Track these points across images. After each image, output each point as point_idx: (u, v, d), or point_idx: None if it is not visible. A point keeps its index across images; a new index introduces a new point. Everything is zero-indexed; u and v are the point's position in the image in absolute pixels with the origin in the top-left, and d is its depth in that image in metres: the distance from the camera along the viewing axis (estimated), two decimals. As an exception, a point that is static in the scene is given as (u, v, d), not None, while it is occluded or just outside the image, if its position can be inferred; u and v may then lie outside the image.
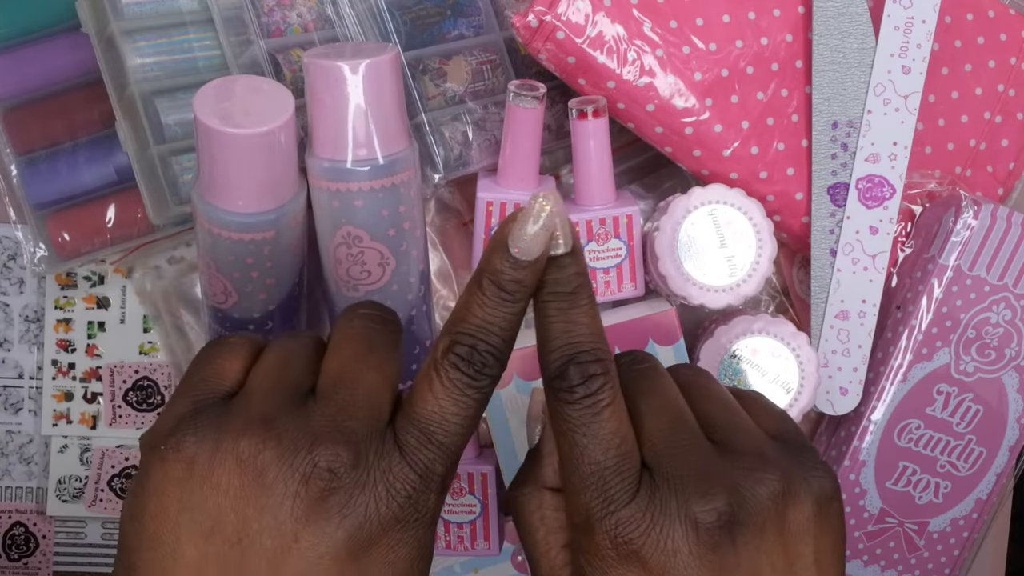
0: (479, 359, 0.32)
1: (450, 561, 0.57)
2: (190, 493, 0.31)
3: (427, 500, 0.32)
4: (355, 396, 0.33)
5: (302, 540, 0.31)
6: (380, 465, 0.32)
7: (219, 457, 0.31)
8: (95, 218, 0.55)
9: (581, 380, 0.32)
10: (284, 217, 0.46)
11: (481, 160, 0.54)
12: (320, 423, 0.32)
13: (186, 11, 0.53)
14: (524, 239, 0.32)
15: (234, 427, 0.32)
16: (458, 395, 0.32)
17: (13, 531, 0.61)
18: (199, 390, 0.34)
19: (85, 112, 0.55)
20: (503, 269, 0.32)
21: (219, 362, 0.34)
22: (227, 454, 0.31)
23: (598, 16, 0.51)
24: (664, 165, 0.60)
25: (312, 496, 0.31)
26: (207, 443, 0.32)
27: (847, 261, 0.55)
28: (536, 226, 0.31)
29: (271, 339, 0.36)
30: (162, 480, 0.32)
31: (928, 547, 0.58)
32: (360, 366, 0.33)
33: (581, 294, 0.33)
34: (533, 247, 0.32)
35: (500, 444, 0.54)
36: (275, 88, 0.45)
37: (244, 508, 0.31)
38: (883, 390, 0.56)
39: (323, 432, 0.32)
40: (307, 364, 0.34)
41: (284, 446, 0.31)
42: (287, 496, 0.31)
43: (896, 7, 0.54)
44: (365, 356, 0.34)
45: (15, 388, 0.61)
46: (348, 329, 0.34)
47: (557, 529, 0.35)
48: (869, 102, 0.54)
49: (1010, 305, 0.56)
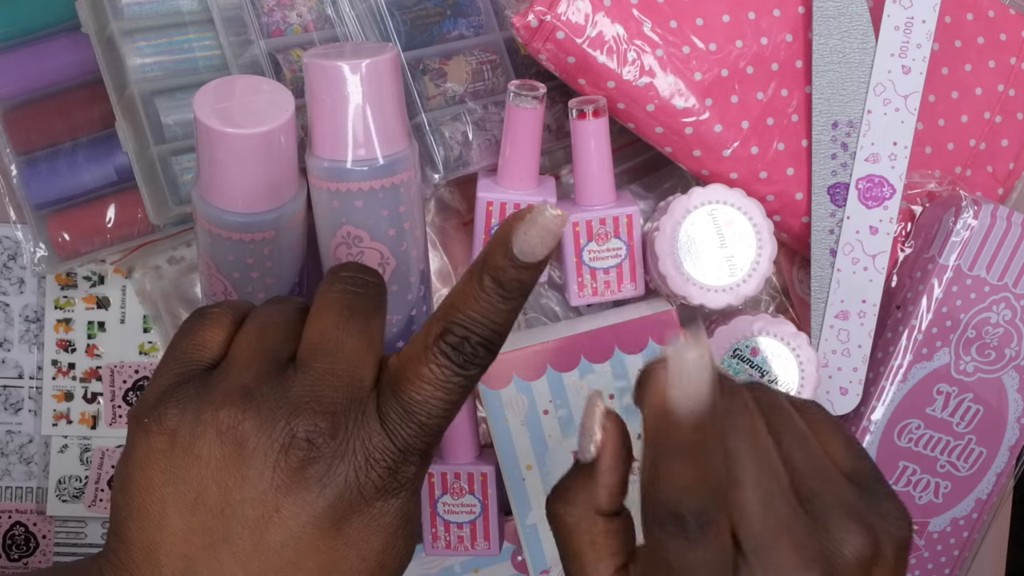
0: (470, 350, 0.32)
1: (450, 561, 0.57)
2: (174, 465, 0.32)
3: (407, 470, 0.32)
4: (335, 364, 0.33)
5: (283, 509, 0.31)
6: (359, 435, 0.32)
7: (200, 429, 0.32)
8: (95, 218, 0.55)
9: (687, 528, 0.29)
10: (284, 217, 0.46)
11: (481, 160, 0.54)
12: (299, 393, 0.32)
13: (186, 11, 0.53)
14: (528, 240, 0.31)
15: (214, 399, 0.32)
16: (444, 381, 0.32)
17: (13, 531, 0.61)
18: (181, 362, 0.34)
19: (85, 112, 0.55)
20: (505, 266, 0.32)
21: (201, 333, 0.34)
22: (207, 426, 0.32)
23: (598, 16, 0.51)
24: (664, 165, 0.60)
25: (292, 466, 0.31)
26: (188, 415, 0.32)
27: (847, 261, 0.55)
28: (541, 228, 0.31)
29: (256, 305, 0.36)
30: (147, 453, 0.32)
31: (928, 547, 0.58)
32: (339, 333, 0.33)
33: (699, 448, 0.29)
34: (537, 249, 0.31)
35: (500, 444, 0.54)
36: (275, 88, 0.45)
37: (225, 479, 0.31)
38: (883, 390, 0.56)
39: (302, 402, 0.32)
40: (289, 331, 0.34)
41: (263, 416, 0.31)
42: (267, 466, 0.31)
43: (896, 7, 0.54)
44: (345, 322, 0.33)
45: (15, 388, 0.61)
46: (328, 294, 0.34)
47: (609, 555, 0.32)
48: (869, 102, 0.54)
49: (1010, 305, 0.56)
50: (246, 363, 0.33)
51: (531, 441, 0.54)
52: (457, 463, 0.55)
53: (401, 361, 0.33)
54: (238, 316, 0.35)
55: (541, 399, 0.53)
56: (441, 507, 0.55)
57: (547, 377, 0.53)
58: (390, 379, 0.33)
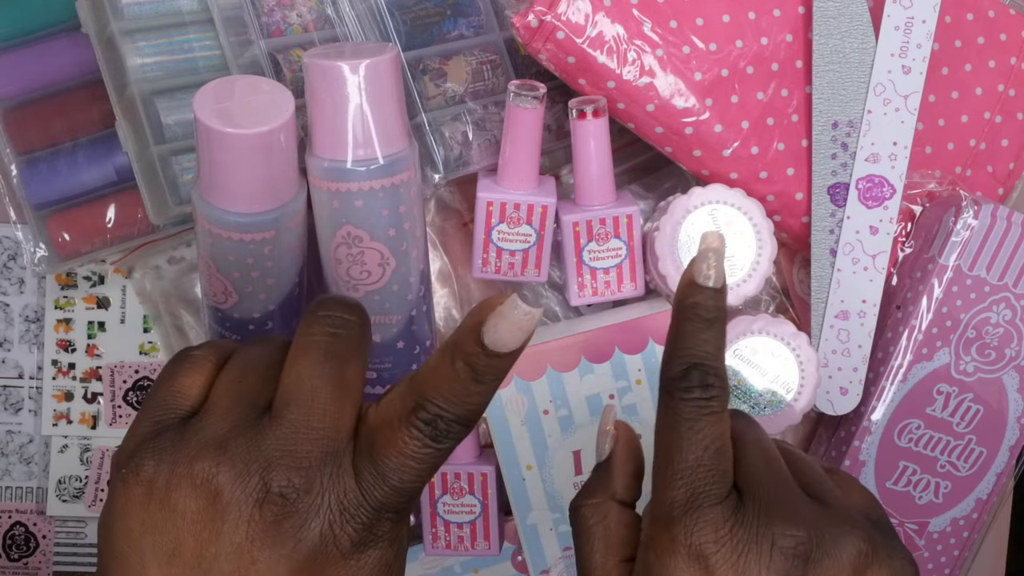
0: (444, 427, 0.32)
1: (450, 561, 0.57)
2: (150, 516, 0.32)
3: (382, 527, 0.32)
4: (310, 416, 0.32)
5: (259, 563, 0.31)
6: (334, 489, 0.32)
7: (175, 481, 0.31)
8: (95, 218, 0.55)
9: (700, 384, 0.33)
10: (284, 217, 0.46)
11: (481, 160, 0.54)
12: (272, 446, 0.32)
13: (186, 11, 0.53)
14: (499, 333, 0.31)
15: (189, 450, 0.32)
16: (416, 452, 0.32)
17: (13, 531, 0.61)
18: (161, 409, 0.34)
19: (85, 112, 0.55)
20: (476, 353, 0.31)
21: (180, 380, 0.34)
22: (182, 478, 0.31)
23: (598, 16, 0.51)
24: (664, 165, 0.60)
25: (267, 520, 0.31)
26: (164, 467, 0.32)
27: (847, 261, 0.55)
28: (510, 324, 0.31)
29: (240, 346, 0.36)
30: (125, 503, 0.32)
31: (928, 547, 0.58)
32: (315, 381, 0.33)
33: (717, 323, 0.34)
34: (508, 342, 0.31)
35: (500, 444, 0.54)
36: (275, 88, 0.45)
37: (201, 532, 0.31)
38: (883, 390, 0.56)
39: (275, 456, 0.31)
40: (268, 376, 0.34)
41: (237, 470, 0.31)
42: (242, 520, 0.31)
43: (896, 7, 0.54)
44: (320, 368, 0.33)
45: (15, 388, 0.61)
46: (305, 336, 0.34)
47: (619, 544, 0.35)
48: (869, 102, 0.54)
49: (1010, 305, 0.56)
50: (223, 412, 0.33)
51: (531, 441, 0.54)
52: (457, 463, 0.55)
53: (376, 423, 0.33)
54: (221, 358, 0.35)
55: (541, 399, 0.53)
56: (441, 507, 0.55)
57: (547, 377, 0.53)
58: (366, 437, 0.33)
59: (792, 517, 0.32)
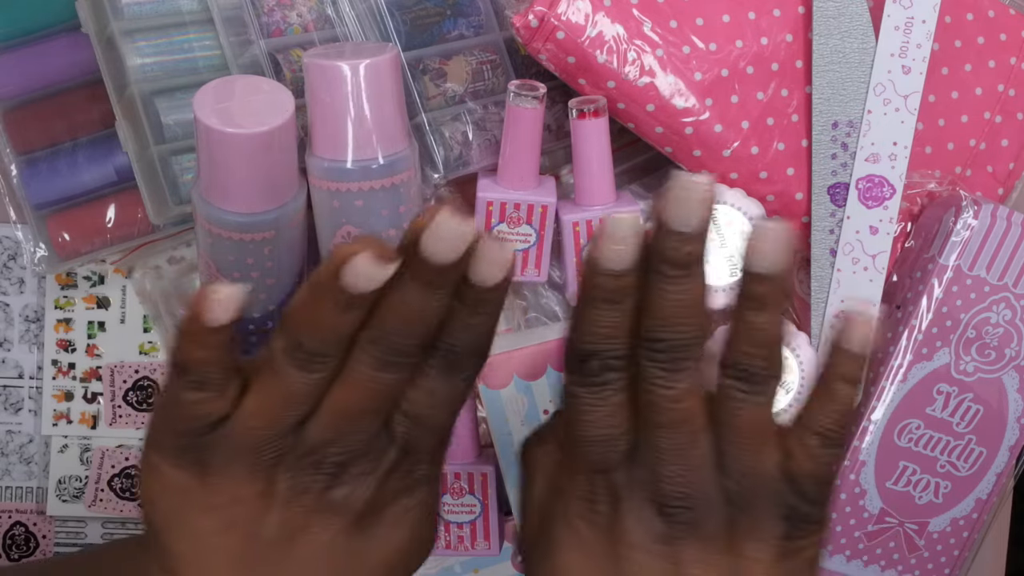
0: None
1: (450, 561, 0.57)
2: (205, 498, 0.34)
3: (420, 469, 0.36)
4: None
5: (314, 526, 0.35)
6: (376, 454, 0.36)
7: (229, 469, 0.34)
8: (95, 218, 0.55)
9: (597, 370, 0.34)
10: (284, 217, 0.46)
11: (481, 160, 0.54)
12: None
13: (186, 11, 0.53)
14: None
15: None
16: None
17: (13, 531, 0.61)
18: (184, 424, 0.35)
19: (85, 112, 0.55)
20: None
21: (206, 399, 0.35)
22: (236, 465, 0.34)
23: (598, 16, 0.51)
24: (664, 165, 0.60)
25: (318, 490, 0.35)
26: (217, 456, 0.34)
27: (847, 261, 0.55)
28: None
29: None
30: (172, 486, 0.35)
31: (928, 547, 0.58)
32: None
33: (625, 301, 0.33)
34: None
35: (500, 444, 0.54)
36: (275, 88, 0.45)
37: (255, 509, 0.34)
38: (883, 390, 0.56)
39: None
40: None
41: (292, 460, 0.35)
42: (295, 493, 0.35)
43: (896, 7, 0.54)
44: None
45: (15, 388, 0.61)
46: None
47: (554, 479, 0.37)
48: (869, 102, 0.54)
49: (1010, 305, 0.56)
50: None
51: (531, 441, 0.54)
52: (457, 463, 0.55)
53: None
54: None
55: (541, 399, 0.53)
56: (441, 507, 0.55)
57: (547, 377, 0.53)
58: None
59: (681, 484, 0.33)
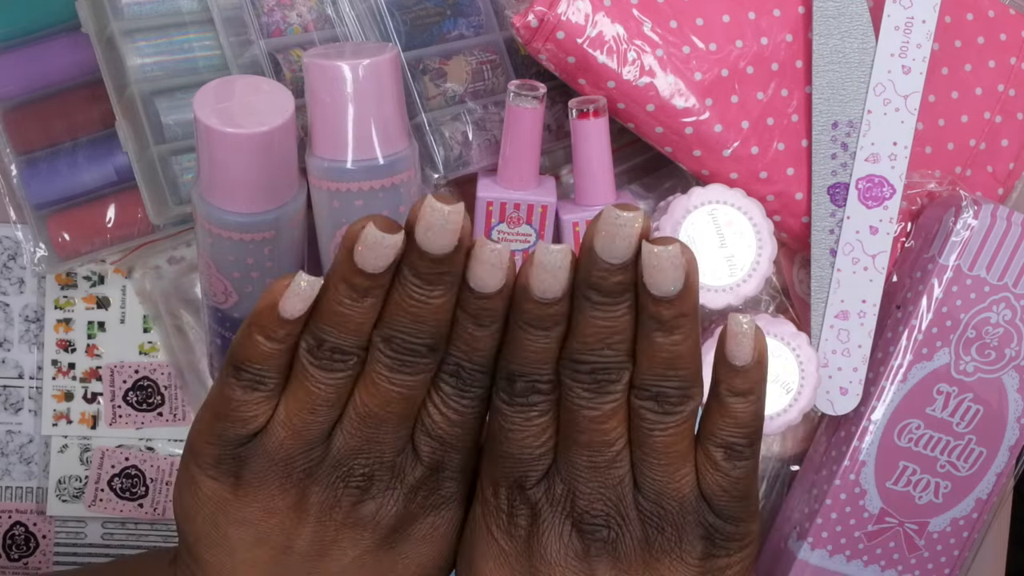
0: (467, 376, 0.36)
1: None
2: (240, 511, 0.35)
3: (448, 487, 0.36)
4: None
5: (343, 541, 0.35)
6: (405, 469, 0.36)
7: (261, 481, 0.35)
8: (95, 218, 0.55)
9: (523, 391, 0.34)
10: (284, 217, 0.46)
11: (481, 160, 0.54)
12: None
13: (186, 11, 0.53)
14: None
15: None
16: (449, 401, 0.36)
17: (13, 531, 0.61)
18: (230, 429, 0.35)
19: (85, 112, 0.55)
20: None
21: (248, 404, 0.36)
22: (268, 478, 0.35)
23: (598, 16, 0.51)
24: (664, 165, 0.60)
25: (348, 504, 0.35)
26: (250, 467, 0.35)
27: (847, 261, 0.55)
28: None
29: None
30: (212, 496, 0.35)
31: (928, 547, 0.58)
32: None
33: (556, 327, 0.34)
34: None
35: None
36: (275, 88, 0.45)
37: (285, 523, 0.35)
38: (883, 390, 0.56)
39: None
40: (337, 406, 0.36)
41: (319, 474, 0.36)
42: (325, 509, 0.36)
43: (896, 7, 0.54)
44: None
45: (15, 388, 0.61)
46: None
47: None
48: (869, 102, 0.54)
49: (1010, 305, 0.56)
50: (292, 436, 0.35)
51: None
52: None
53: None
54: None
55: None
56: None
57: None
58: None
59: (599, 503, 0.33)
